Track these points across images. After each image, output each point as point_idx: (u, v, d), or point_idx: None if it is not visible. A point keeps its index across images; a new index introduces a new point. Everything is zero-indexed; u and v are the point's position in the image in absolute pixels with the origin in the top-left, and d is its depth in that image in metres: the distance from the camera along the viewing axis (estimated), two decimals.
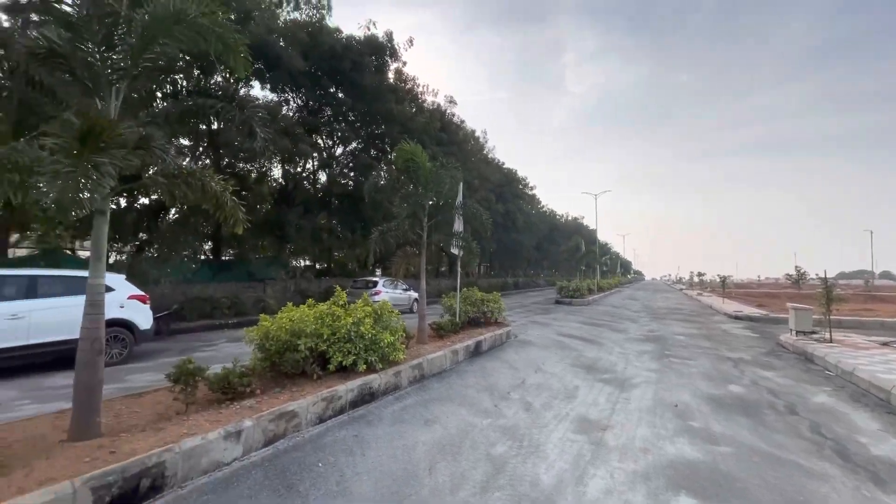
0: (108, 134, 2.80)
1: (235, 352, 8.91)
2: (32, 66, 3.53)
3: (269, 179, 19.86)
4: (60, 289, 7.34)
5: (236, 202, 4.51)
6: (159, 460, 3.27)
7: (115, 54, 3.75)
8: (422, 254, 9.08)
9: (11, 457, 3.24)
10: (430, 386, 6.54)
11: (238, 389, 4.68)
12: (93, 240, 3.68)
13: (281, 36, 15.70)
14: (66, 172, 2.57)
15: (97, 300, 3.73)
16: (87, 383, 3.64)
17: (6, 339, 6.54)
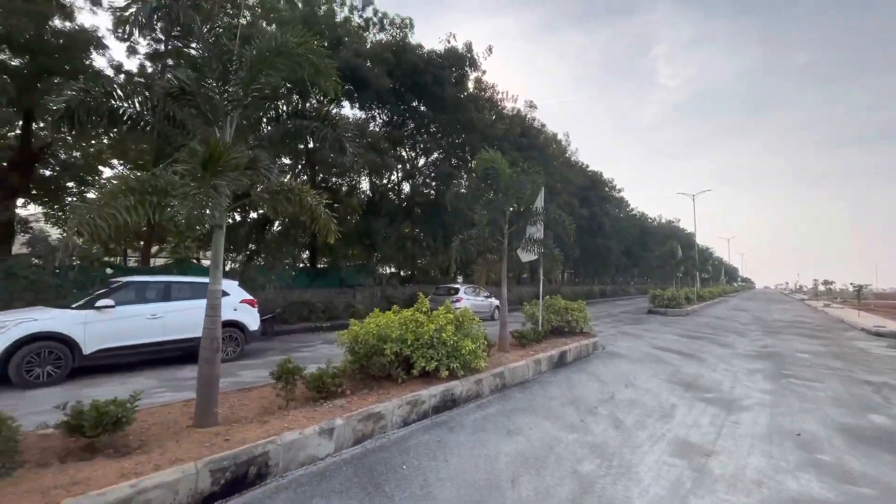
0: (224, 158, 3.20)
1: (329, 353, 9.55)
2: (168, 103, 4.16)
3: (359, 192, 21.16)
4: (188, 293, 8.47)
5: (329, 214, 4.87)
6: (264, 450, 3.60)
7: (229, 87, 4.27)
8: (502, 261, 9.01)
9: (150, 438, 3.78)
10: (512, 396, 6.42)
11: (331, 389, 5.01)
12: (212, 251, 4.20)
13: (368, 58, 16.73)
14: (193, 194, 2.99)
15: (215, 303, 4.24)
16: (208, 377, 4.14)
17: (147, 336, 7.69)
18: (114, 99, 3.70)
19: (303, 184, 4.89)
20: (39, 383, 6.39)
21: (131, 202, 3.42)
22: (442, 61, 18.44)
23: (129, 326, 7.43)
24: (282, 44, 4.30)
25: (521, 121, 23.58)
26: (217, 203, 3.16)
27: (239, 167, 3.47)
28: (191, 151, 3.28)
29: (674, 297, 23.73)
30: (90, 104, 3.60)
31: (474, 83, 21.52)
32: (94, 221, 3.35)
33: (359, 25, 18.91)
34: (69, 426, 3.32)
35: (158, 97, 4.23)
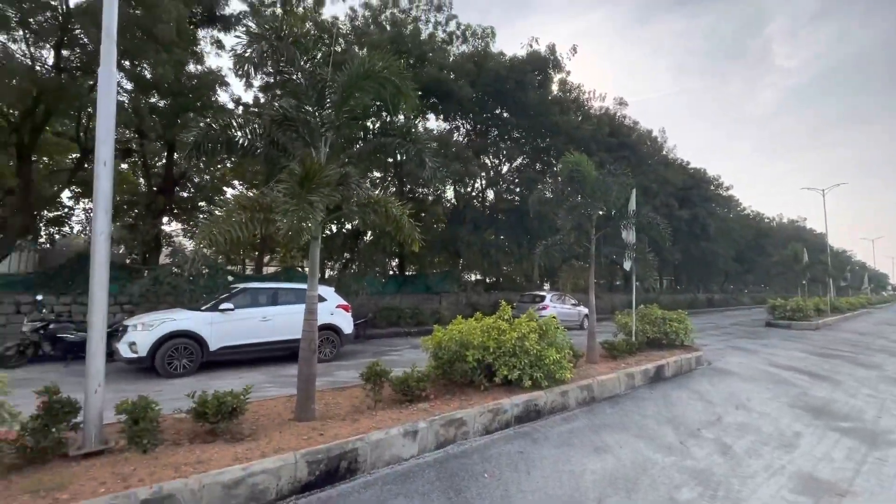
0: (318, 177, 3.52)
1: (414, 358, 9.89)
2: (273, 130, 4.69)
3: (444, 200, 21.72)
4: (293, 298, 9.36)
5: (412, 223, 5.08)
6: (354, 447, 3.84)
7: (324, 111, 4.69)
8: (590, 267, 8.61)
9: (259, 427, 4.24)
10: (601, 410, 6.07)
11: (415, 392, 5.18)
12: (309, 260, 4.62)
13: (451, 70, 17.20)
14: (293, 210, 3.34)
15: (312, 308, 4.65)
16: (306, 375, 4.54)
17: (259, 336, 8.63)
18: (231, 130, 4.29)
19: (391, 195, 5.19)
20: (177, 374, 7.51)
21: (243, 219, 3.90)
22: (524, 66, 18.28)
23: (245, 327, 8.42)
24: (368, 68, 4.63)
25: (610, 120, 22.41)
26: (313, 217, 3.50)
27: (331, 184, 3.80)
28: (290, 172, 3.68)
29: (799, 307, 20.60)
30: (213, 136, 4.21)
31: (559, 85, 20.99)
32: (214, 236, 3.88)
33: (443, 40, 19.54)
34: (196, 412, 3.86)
35: (266, 125, 4.79)
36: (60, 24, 10.58)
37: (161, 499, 2.87)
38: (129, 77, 12.83)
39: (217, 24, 16.26)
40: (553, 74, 19.88)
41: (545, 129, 19.47)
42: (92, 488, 2.86)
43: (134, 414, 3.51)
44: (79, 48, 11.39)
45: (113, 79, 3.60)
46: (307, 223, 3.55)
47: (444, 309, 16.71)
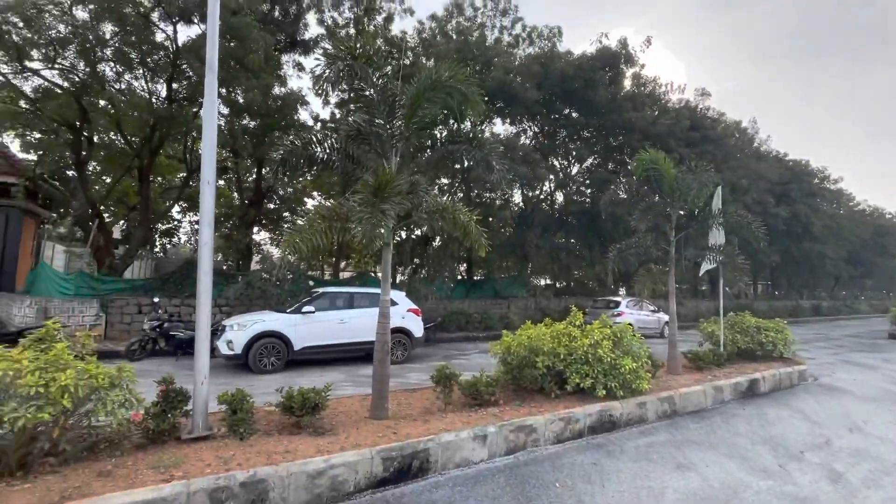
0: (390, 187, 3.71)
1: (483, 362, 9.89)
2: (349, 144, 5.01)
3: (511, 204, 21.56)
4: (367, 302, 9.83)
5: (479, 229, 5.14)
6: (426, 447, 3.96)
7: (394, 123, 4.92)
8: (670, 271, 8.07)
9: (338, 423, 4.52)
10: (685, 425, 5.66)
11: (484, 397, 5.21)
12: (382, 266, 4.86)
13: (517, 73, 17.09)
14: (367, 218, 3.56)
15: (385, 311, 4.87)
16: (380, 375, 4.76)
17: (337, 337, 9.17)
18: (311, 146, 4.66)
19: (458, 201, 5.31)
20: (267, 370, 8.22)
21: (323, 228, 4.21)
22: (593, 64, 17.67)
23: (324, 329, 8.99)
24: (436, 79, 4.79)
25: (691, 113, 20.84)
26: (385, 224, 3.69)
27: (402, 193, 3.99)
28: (364, 183, 3.92)
29: None
30: (296, 153, 4.60)
31: (632, 80, 19.97)
32: (298, 244, 4.23)
33: (508, 43, 19.51)
34: (284, 406, 4.21)
35: (342, 140, 5.14)
36: (171, 61, 12.13)
37: (255, 483, 3.18)
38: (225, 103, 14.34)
39: (298, 48, 17.65)
40: (625, 69, 18.98)
41: (617, 126, 18.60)
42: (200, 468, 3.24)
43: (233, 405, 3.93)
44: (185, 80, 12.96)
45: (214, 107, 4.09)
46: (380, 230, 3.75)
47: (512, 314, 16.54)
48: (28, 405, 2.90)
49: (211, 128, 4.02)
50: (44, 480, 2.97)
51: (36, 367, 3.06)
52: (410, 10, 18.80)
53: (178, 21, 12.02)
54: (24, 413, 2.83)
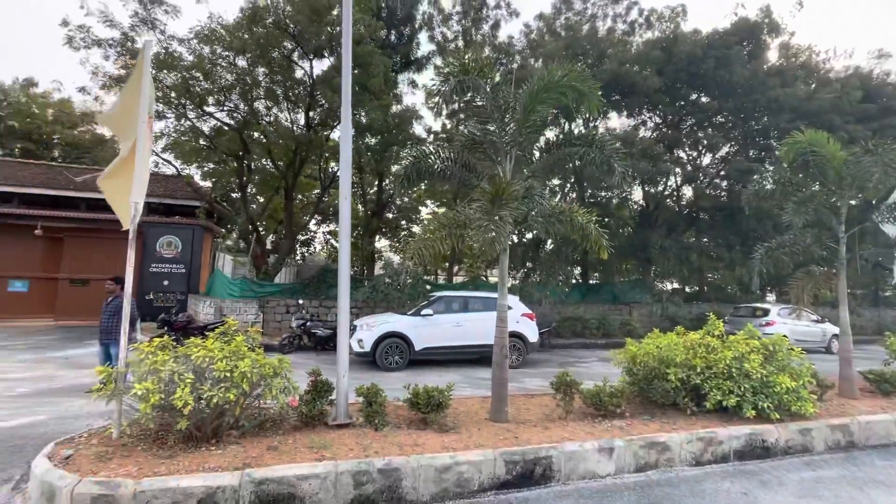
0: (507, 193, 3.78)
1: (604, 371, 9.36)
2: (464, 153, 5.22)
3: (630, 203, 20.09)
4: (481, 306, 10.03)
5: (599, 231, 4.92)
6: (548, 454, 3.91)
7: (507, 129, 4.98)
8: (839, 274, 6.75)
9: (460, 422, 4.70)
10: (867, 461, 4.67)
11: (608, 408, 4.94)
12: (499, 271, 4.94)
13: (633, 62, 15.93)
14: (485, 226, 3.68)
15: (503, 316, 4.93)
16: (499, 379, 4.83)
17: (453, 340, 9.51)
18: (430, 159, 4.96)
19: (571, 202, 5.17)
20: (391, 368, 8.87)
21: (443, 235, 4.45)
22: (727, 40, 15.64)
23: (442, 331, 9.40)
24: (549, 80, 4.74)
25: (863, 80, 17.14)
26: (503, 231, 3.77)
27: (518, 198, 4.02)
28: (482, 191, 4.05)
29: None
30: (416, 166, 4.94)
31: (778, 51, 17.24)
32: (420, 250, 4.53)
33: (623, 31, 18.30)
34: (411, 402, 4.52)
35: (456, 150, 5.37)
36: (308, 92, 13.89)
37: (390, 470, 3.47)
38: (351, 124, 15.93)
39: (411, 66, 18.85)
40: (769, 40, 16.46)
41: (760, 107, 16.16)
42: (344, 452, 3.66)
43: (369, 398, 4.35)
44: (319, 108, 14.73)
45: (349, 131, 4.61)
46: (498, 237, 3.84)
47: (634, 321, 15.35)
48: (219, 386, 3.58)
49: (346, 149, 4.53)
50: (230, 448, 3.63)
51: (223, 356, 3.76)
52: (516, 12, 18.77)
53: (313, 58, 13.74)
54: (216, 393, 3.51)
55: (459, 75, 4.53)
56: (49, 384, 6.82)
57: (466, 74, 4.52)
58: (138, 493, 2.92)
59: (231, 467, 3.25)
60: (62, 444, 3.67)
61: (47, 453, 3.43)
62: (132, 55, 12.34)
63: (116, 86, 12.69)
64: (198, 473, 3.14)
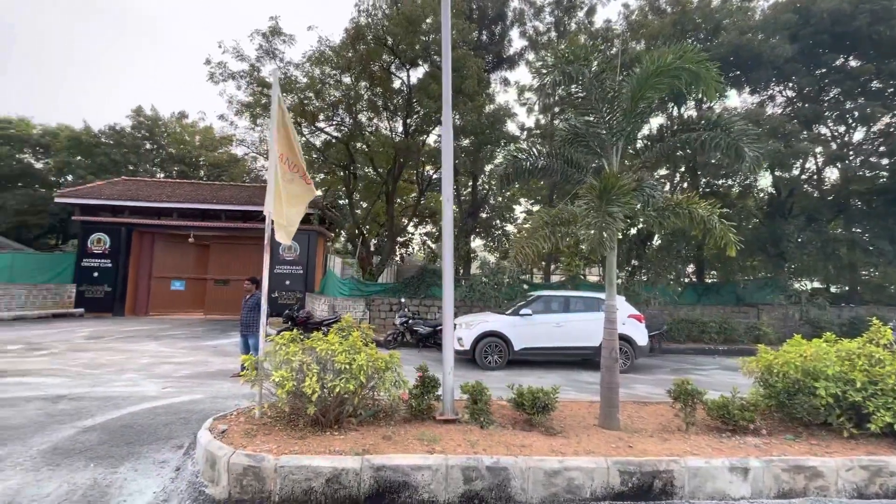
0: (617, 187, 3.56)
1: (727, 381, 8.40)
2: (565, 148, 5.03)
3: (754, 191, 17.68)
4: (582, 306, 9.62)
5: (725, 224, 4.41)
6: (668, 468, 3.60)
7: (613, 118, 4.70)
8: None
9: (566, 426, 4.55)
10: None
11: (739, 423, 4.40)
12: (606, 270, 4.67)
13: (759, 30, 13.98)
14: (594, 222, 3.51)
15: (612, 317, 4.67)
16: (609, 383, 4.58)
17: (553, 341, 9.24)
18: (529, 156, 4.87)
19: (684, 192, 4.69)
20: (490, 367, 8.91)
21: (547, 233, 4.34)
22: None
23: (541, 332, 9.19)
24: (660, 64, 4.37)
25: None
26: (614, 227, 3.56)
27: (629, 192, 3.77)
28: (589, 186, 3.86)
29: None
30: (515, 164, 4.89)
31: None
32: (523, 249, 4.48)
33: None
34: (516, 402, 4.50)
35: (558, 145, 5.20)
36: (406, 100, 14.57)
37: (499, 469, 3.49)
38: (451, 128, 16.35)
39: (503, 65, 18.75)
40: None
41: None
42: (452, 447, 3.76)
43: (474, 395, 4.42)
44: (416, 115, 15.38)
45: (450, 136, 4.73)
46: (607, 233, 3.63)
47: (764, 325, 13.45)
48: (340, 377, 3.92)
49: (447, 153, 4.66)
50: (350, 435, 3.95)
51: (342, 350, 4.11)
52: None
53: (409, 67, 14.38)
54: (339, 383, 3.85)
55: (563, 65, 4.37)
56: (204, 368, 8.07)
57: (570, 64, 4.35)
58: (279, 468, 3.32)
59: (353, 452, 3.53)
60: (218, 419, 4.32)
61: (208, 427, 4.06)
62: (258, 83, 14.09)
63: (247, 111, 14.60)
64: (326, 455, 3.47)
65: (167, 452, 4.12)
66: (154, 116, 26.74)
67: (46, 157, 25.07)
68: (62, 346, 9.66)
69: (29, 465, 3.76)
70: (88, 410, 5.24)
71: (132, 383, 6.67)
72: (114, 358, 8.60)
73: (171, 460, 3.95)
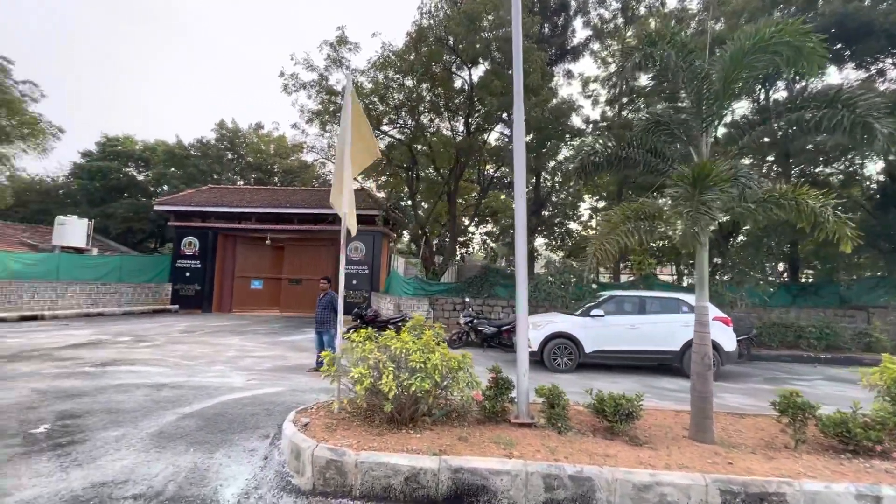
0: (713, 175, 3.22)
1: (835, 393, 7.49)
2: (647, 137, 4.68)
3: (860, 178, 15.60)
4: (659, 307, 8.99)
5: (840, 217, 3.86)
6: (779, 490, 3.20)
7: (703, 105, 4.29)
8: None
9: (652, 437, 4.22)
10: None
11: (862, 443, 3.84)
12: (697, 268, 4.28)
13: None
14: (689, 213, 3.19)
15: (704, 320, 4.27)
16: (701, 392, 4.19)
17: (628, 344, 8.71)
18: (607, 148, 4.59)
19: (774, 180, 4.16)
20: (560, 370, 8.59)
21: (629, 228, 4.06)
22: None
23: (615, 334, 8.71)
24: (757, 40, 3.92)
25: None
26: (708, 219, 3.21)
27: (727, 180, 3.39)
28: (679, 175, 3.54)
29: None
30: (592, 156, 4.63)
31: None
32: (602, 246, 4.22)
33: None
34: (596, 409, 4.25)
35: (635, 136, 4.85)
36: (468, 99, 14.53)
37: (582, 479, 3.29)
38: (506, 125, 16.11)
39: (567, 57, 18.13)
40: None
41: None
42: (531, 452, 3.62)
43: (551, 399, 4.24)
44: (477, 114, 15.29)
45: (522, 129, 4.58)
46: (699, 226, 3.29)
47: (876, 330, 11.79)
48: (415, 376, 3.92)
49: (520, 147, 4.52)
50: (425, 434, 3.94)
51: (416, 348, 4.11)
52: None
53: (471, 66, 14.32)
54: (415, 382, 3.85)
55: (647, 46, 4.04)
56: (283, 363, 8.55)
57: (654, 45, 4.02)
58: (359, 463, 3.37)
59: (430, 452, 3.51)
60: (300, 412, 4.51)
61: (291, 419, 4.25)
62: (327, 91, 14.74)
63: (317, 118, 15.34)
64: (403, 453, 3.48)
65: (255, 441, 4.36)
66: (234, 129, 29.00)
67: (147, 169, 28.09)
68: (162, 339, 10.71)
69: (139, 446, 4.14)
70: (186, 398, 5.72)
71: (221, 375, 7.21)
72: (204, 351, 9.37)
73: (258, 449, 4.18)
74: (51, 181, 28.36)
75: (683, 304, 8.83)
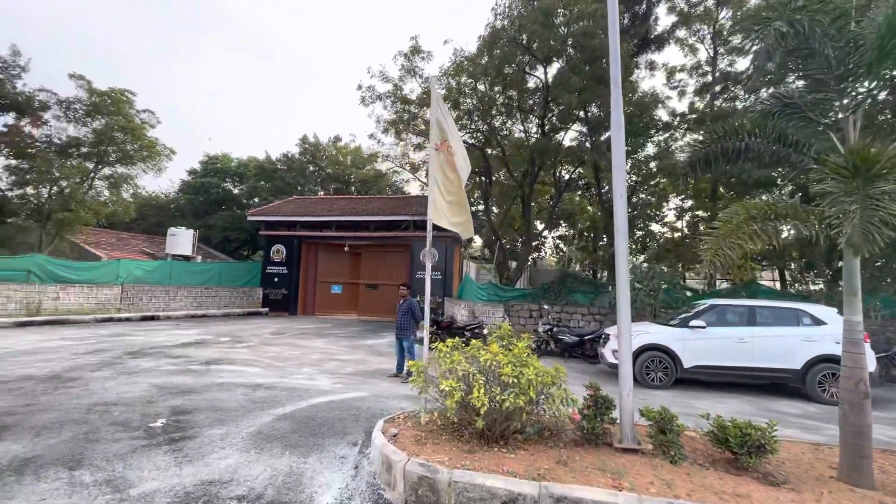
0: (882, 160, 2.61)
1: None
2: (769, 123, 4.04)
3: None
4: (771, 318, 7.90)
5: None
6: None
7: (848, 83, 3.60)
8: None
9: (790, 475, 3.57)
10: None
11: None
12: (845, 275, 3.58)
13: None
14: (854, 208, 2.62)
15: (855, 338, 3.56)
16: (855, 425, 3.48)
17: (735, 359, 7.73)
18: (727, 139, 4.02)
19: None
20: (654, 386, 7.85)
21: (755, 229, 3.49)
22: None
23: (719, 347, 7.78)
24: None
25: None
26: (882, 214, 2.60)
27: None
28: (832, 166, 2.93)
29: None
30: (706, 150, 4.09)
31: None
32: (720, 250, 3.68)
33: None
34: (715, 437, 3.70)
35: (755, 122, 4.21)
36: (543, 98, 14.06)
37: None
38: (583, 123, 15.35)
39: (650, 47, 16.93)
40: None
41: None
42: (643, 485, 3.20)
43: (661, 424, 3.76)
44: (552, 114, 14.75)
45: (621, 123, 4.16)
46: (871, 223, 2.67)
47: None
48: (508, 391, 3.67)
49: (619, 144, 4.11)
50: (520, 454, 3.67)
51: (508, 361, 3.86)
52: None
53: (545, 65, 13.85)
54: (509, 398, 3.60)
55: (789, 13, 3.42)
56: (364, 367, 8.72)
57: (795, 12, 3.42)
58: (453, 482, 3.19)
59: (528, 476, 3.24)
60: (388, 422, 4.45)
61: (380, 429, 4.19)
62: (402, 101, 15.07)
63: (392, 128, 15.74)
64: (499, 475, 3.24)
65: (345, 448, 4.37)
66: (315, 142, 30.89)
67: (241, 183, 30.84)
68: (256, 340, 11.49)
69: (241, 445, 4.32)
70: (279, 400, 5.96)
71: (309, 377, 7.48)
72: (293, 353, 9.86)
73: (349, 456, 4.17)
74: (164, 197, 32.17)
75: (805, 315, 7.68)
